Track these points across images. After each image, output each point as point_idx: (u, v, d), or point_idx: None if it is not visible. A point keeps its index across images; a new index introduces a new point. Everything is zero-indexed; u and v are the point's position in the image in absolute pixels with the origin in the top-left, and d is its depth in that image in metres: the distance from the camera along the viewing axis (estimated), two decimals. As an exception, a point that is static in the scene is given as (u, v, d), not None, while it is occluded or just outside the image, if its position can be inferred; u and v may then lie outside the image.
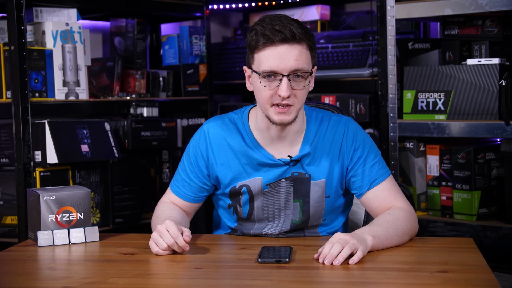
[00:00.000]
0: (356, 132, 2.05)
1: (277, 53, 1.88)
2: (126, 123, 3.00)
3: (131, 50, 3.35)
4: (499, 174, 2.78)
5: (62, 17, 2.91)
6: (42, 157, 2.72)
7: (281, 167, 2.02)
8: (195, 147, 2.09)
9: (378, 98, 2.93)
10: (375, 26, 2.95)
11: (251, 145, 2.03)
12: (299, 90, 1.92)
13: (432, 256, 1.80)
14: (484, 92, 2.67)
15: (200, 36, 3.51)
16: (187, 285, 1.66)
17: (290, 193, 2.04)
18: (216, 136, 2.06)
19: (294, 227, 2.07)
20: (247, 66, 1.99)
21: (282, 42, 1.88)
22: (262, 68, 1.90)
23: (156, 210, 2.10)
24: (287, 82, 1.89)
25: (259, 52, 1.91)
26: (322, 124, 2.05)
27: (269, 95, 1.91)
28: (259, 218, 2.07)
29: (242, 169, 2.03)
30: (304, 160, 2.02)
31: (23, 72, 2.65)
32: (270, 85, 1.90)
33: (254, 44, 1.91)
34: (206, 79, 3.50)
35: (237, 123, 2.06)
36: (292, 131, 2.01)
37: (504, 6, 2.58)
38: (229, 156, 2.04)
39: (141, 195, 3.08)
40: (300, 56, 1.90)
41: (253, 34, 1.92)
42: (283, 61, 1.88)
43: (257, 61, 1.92)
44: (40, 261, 1.90)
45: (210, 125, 2.08)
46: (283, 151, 2.02)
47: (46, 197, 2.03)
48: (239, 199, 2.06)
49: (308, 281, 1.63)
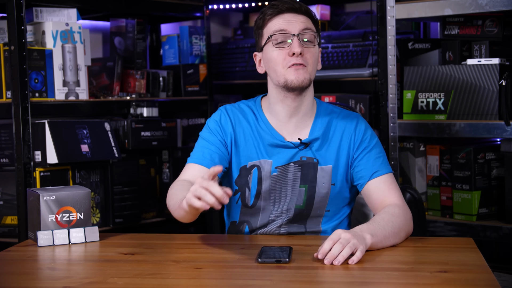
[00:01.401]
0: (366, 127, 2.14)
1: (285, 19, 2.03)
2: (126, 123, 3.00)
3: (131, 50, 3.35)
4: (499, 174, 2.78)
5: (62, 17, 2.91)
6: (42, 157, 2.72)
7: (291, 149, 2.08)
8: (215, 122, 2.13)
9: (378, 98, 2.93)
10: (375, 26, 2.95)
11: (264, 126, 2.10)
12: (310, 47, 2.02)
13: (432, 256, 1.80)
14: (484, 92, 2.67)
15: (200, 36, 3.51)
16: (187, 285, 1.66)
17: (298, 178, 2.08)
18: (233, 114, 2.13)
19: (298, 212, 2.09)
20: (256, 51, 2.11)
21: (289, 10, 2.03)
22: (272, 30, 2.03)
23: (171, 189, 2.00)
24: (298, 40, 2.00)
25: (268, 23, 2.05)
26: (332, 114, 2.13)
27: (282, 58, 2.01)
28: (265, 203, 2.09)
29: (254, 149, 2.09)
30: (313, 144, 2.08)
31: (23, 72, 2.65)
32: (282, 47, 2.02)
33: (262, 20, 2.06)
34: (206, 79, 3.50)
35: (250, 106, 2.15)
36: (303, 107, 2.08)
37: (504, 6, 2.58)
38: (245, 134, 2.11)
39: (141, 195, 3.08)
40: (307, 22, 2.04)
41: (260, 16, 2.08)
42: (292, 23, 2.02)
43: (267, 32, 2.05)
44: (40, 261, 1.90)
45: (227, 106, 2.16)
46: (293, 133, 2.09)
47: (46, 197, 2.03)
48: (247, 182, 2.09)
49: (308, 281, 1.63)
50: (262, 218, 2.11)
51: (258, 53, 2.11)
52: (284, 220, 2.10)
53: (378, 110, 2.92)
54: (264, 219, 2.11)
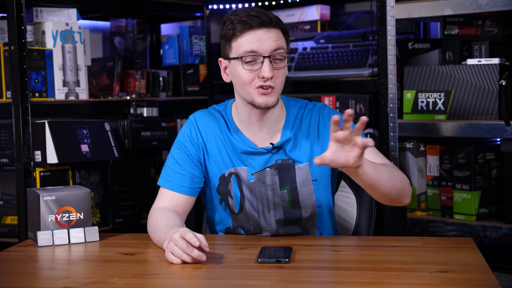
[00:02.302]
0: (329, 111, 2.11)
1: (256, 37, 1.95)
2: (126, 123, 3.00)
3: (131, 50, 3.35)
4: (499, 174, 2.78)
5: (62, 17, 2.91)
6: (42, 157, 2.72)
7: (264, 155, 2.06)
8: (184, 136, 2.11)
9: (378, 98, 2.93)
10: (375, 26, 2.95)
11: (234, 135, 2.07)
12: (280, 70, 1.97)
13: (432, 256, 1.80)
14: (484, 92, 2.67)
15: (200, 36, 3.51)
16: (187, 285, 1.66)
17: (276, 182, 2.06)
18: (204, 123, 2.10)
19: (288, 215, 2.08)
20: (222, 57, 2.04)
21: (260, 26, 1.95)
22: (243, 50, 1.95)
23: (150, 219, 2.03)
24: (269, 63, 1.95)
25: (237, 38, 1.97)
26: (299, 111, 2.10)
27: (251, 78, 1.96)
28: (250, 210, 2.08)
29: (228, 157, 2.07)
30: (286, 145, 2.06)
31: (23, 72, 2.65)
32: (252, 68, 1.96)
33: (232, 32, 1.97)
34: (206, 79, 3.50)
35: (221, 113, 2.12)
36: (272, 117, 2.05)
37: (504, 6, 2.58)
38: (217, 142, 2.08)
39: (141, 195, 3.08)
40: (278, 37, 1.97)
41: (228, 24, 1.98)
42: (263, 43, 1.95)
43: (236, 48, 1.97)
44: (40, 261, 1.90)
45: (197, 114, 2.13)
46: (265, 140, 2.07)
47: (46, 197, 2.03)
48: (229, 190, 2.08)
49: (308, 281, 1.63)
50: (253, 223, 2.10)
51: (223, 60, 2.04)
52: (277, 225, 2.08)
53: (378, 110, 2.92)
54: (255, 224, 2.10)
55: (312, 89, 3.27)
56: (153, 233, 1.98)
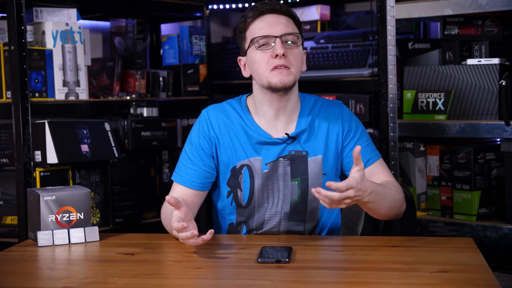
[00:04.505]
0: (350, 114, 2.15)
1: (266, 22, 2.03)
2: (126, 123, 3.00)
3: (131, 50, 3.35)
4: (499, 174, 2.78)
5: (62, 17, 2.91)
6: (42, 157, 2.72)
7: (279, 145, 2.09)
8: (197, 131, 2.14)
9: (378, 98, 2.93)
10: (375, 26, 2.95)
11: (250, 125, 2.10)
12: (293, 49, 2.02)
13: (432, 256, 1.80)
14: (484, 92, 2.67)
15: (200, 36, 3.51)
16: (187, 285, 1.66)
17: (288, 173, 2.09)
18: (216, 117, 2.13)
19: (293, 207, 2.10)
20: (241, 55, 2.12)
21: (270, 12, 2.03)
22: (255, 35, 2.02)
23: (162, 208, 2.12)
24: (280, 41, 2.00)
25: (250, 26, 2.05)
26: (316, 105, 2.14)
27: (266, 60, 2.01)
28: (259, 202, 2.10)
29: (242, 149, 2.10)
30: (300, 136, 2.10)
31: (23, 72, 2.65)
32: (265, 49, 2.02)
33: (244, 23, 2.07)
34: (206, 79, 3.50)
35: (235, 107, 2.15)
36: (288, 106, 2.08)
37: (504, 6, 2.58)
38: (230, 134, 2.11)
39: (141, 195, 3.08)
40: (288, 23, 2.04)
41: (241, 19, 2.08)
42: (273, 27, 2.02)
43: (249, 35, 2.05)
44: (40, 261, 1.90)
45: (209, 109, 2.16)
46: (280, 130, 2.10)
47: (46, 197, 2.03)
48: (239, 183, 2.10)
49: (308, 281, 1.63)
50: (258, 217, 2.12)
51: (242, 57, 2.12)
52: (280, 217, 2.10)
53: (378, 110, 2.92)
54: (259, 218, 2.12)
55: (312, 89, 3.27)
56: (165, 222, 2.08)
